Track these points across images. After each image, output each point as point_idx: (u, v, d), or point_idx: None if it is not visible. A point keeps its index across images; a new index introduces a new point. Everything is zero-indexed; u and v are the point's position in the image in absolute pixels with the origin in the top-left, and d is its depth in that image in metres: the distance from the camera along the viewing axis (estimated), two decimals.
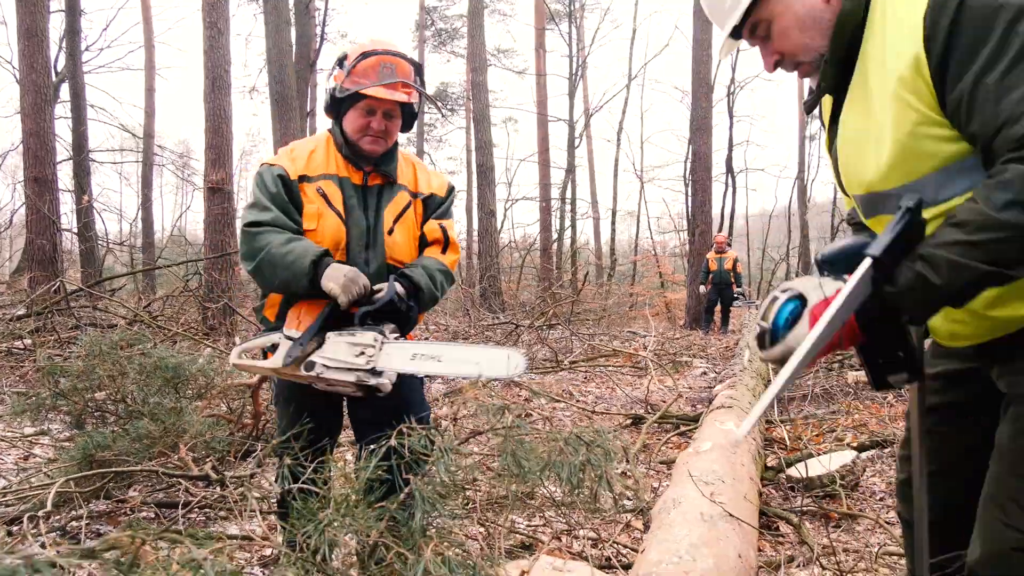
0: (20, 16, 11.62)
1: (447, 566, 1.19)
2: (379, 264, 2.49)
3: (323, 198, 2.43)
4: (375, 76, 2.34)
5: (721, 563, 1.73)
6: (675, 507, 2.17)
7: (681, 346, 10.75)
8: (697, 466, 2.62)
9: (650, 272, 29.28)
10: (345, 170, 2.49)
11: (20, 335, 7.93)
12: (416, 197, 2.60)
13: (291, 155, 2.48)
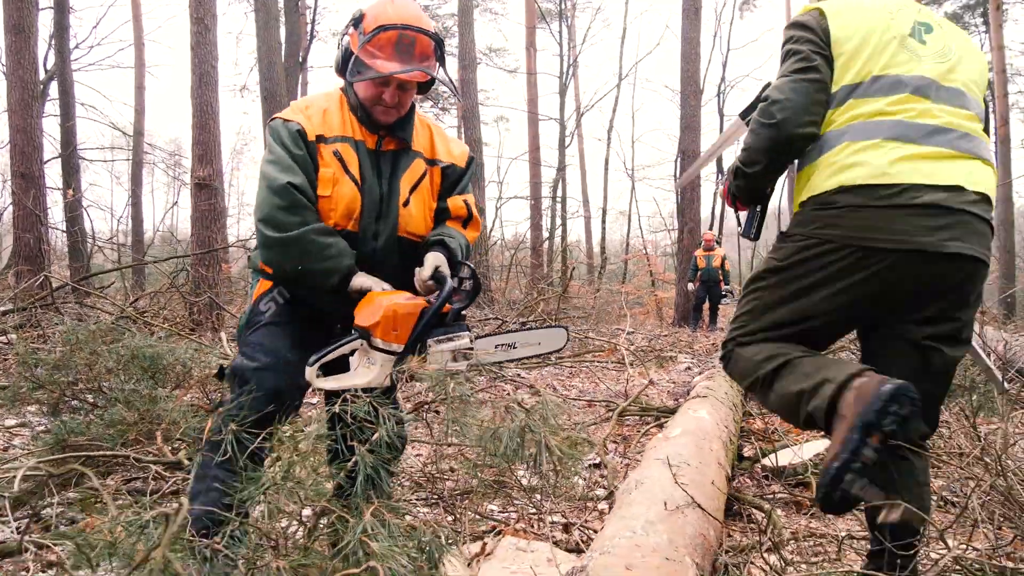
0: (7, 12, 11.59)
1: (387, 529, 1.20)
2: (389, 237, 2.35)
3: (340, 162, 2.26)
4: (391, 52, 2.17)
5: (676, 539, 1.75)
6: (637, 488, 2.19)
7: (668, 343, 10.78)
8: (665, 450, 2.64)
9: (641, 271, 29.36)
10: (360, 133, 2.32)
11: (4, 330, 7.90)
12: (433, 165, 2.45)
13: (306, 111, 2.29)
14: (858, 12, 2.12)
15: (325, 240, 2.16)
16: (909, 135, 1.96)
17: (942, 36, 2.11)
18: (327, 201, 2.25)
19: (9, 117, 11.64)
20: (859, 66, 2.05)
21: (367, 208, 2.30)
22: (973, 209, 1.91)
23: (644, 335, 12.10)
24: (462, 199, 2.48)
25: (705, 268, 14.08)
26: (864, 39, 2.06)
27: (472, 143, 16.61)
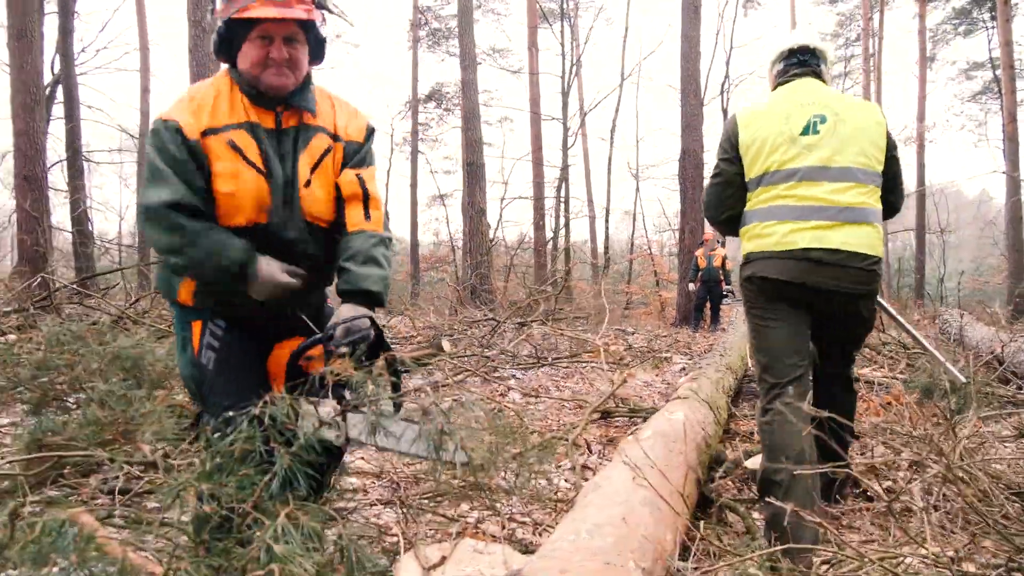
0: (11, 18, 11.68)
1: (299, 531, 1.20)
2: (299, 224, 2.17)
3: (236, 152, 2.06)
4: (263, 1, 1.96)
5: (622, 543, 1.74)
6: (594, 490, 2.18)
7: (667, 343, 10.76)
8: (632, 452, 2.62)
9: (646, 271, 29.31)
10: (255, 114, 2.11)
11: (4, 331, 7.93)
12: (336, 141, 2.24)
13: (191, 104, 2.07)
14: (760, 120, 2.97)
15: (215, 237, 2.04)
16: (800, 215, 2.84)
17: (834, 124, 2.86)
18: (230, 198, 2.07)
19: (13, 121, 11.72)
20: (760, 163, 2.94)
21: (276, 194, 2.12)
22: (849, 262, 2.82)
23: (644, 335, 12.08)
24: (354, 174, 2.24)
25: (706, 268, 14.03)
26: (763, 143, 2.92)
27: (473, 143, 16.63)
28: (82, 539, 1.20)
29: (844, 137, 2.85)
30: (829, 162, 2.83)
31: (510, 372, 7.82)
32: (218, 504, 1.31)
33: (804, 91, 3.00)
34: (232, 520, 1.34)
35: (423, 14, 28.49)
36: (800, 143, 2.86)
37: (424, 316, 12.20)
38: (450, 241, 28.26)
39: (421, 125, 30.41)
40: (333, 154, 2.23)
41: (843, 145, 2.84)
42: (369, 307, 2.11)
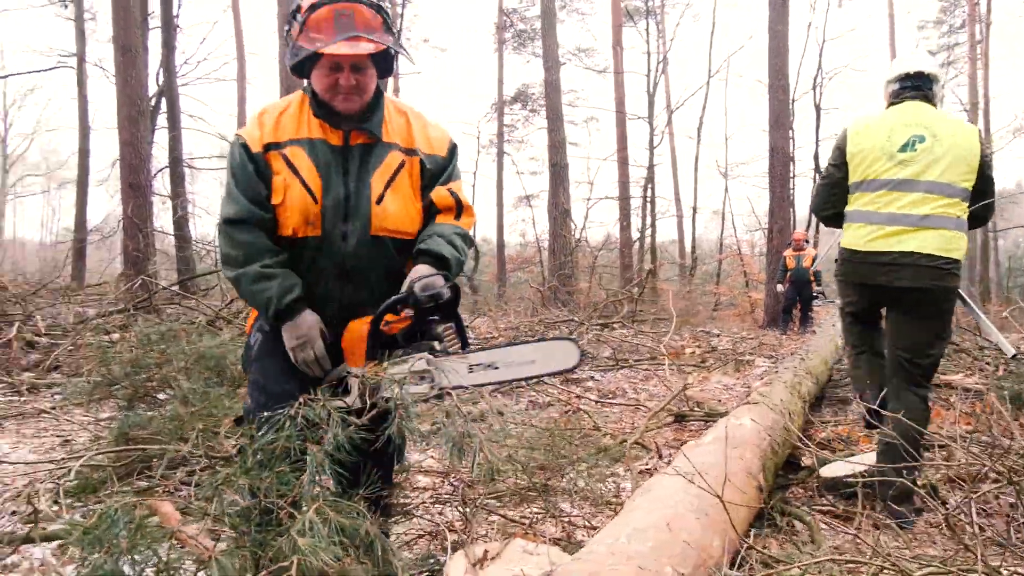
0: (116, 34, 12.29)
1: (327, 525, 1.26)
2: (362, 237, 2.22)
3: (289, 167, 2.16)
4: (331, 30, 2.02)
5: (661, 548, 1.73)
6: (643, 494, 2.18)
7: (752, 346, 10.54)
8: (691, 458, 2.61)
9: (735, 271, 28.75)
10: (320, 131, 2.20)
11: (108, 331, 8.38)
12: (412, 155, 2.29)
13: (260, 120, 2.22)
14: (866, 134, 3.48)
15: (260, 284, 2.15)
16: (886, 220, 3.38)
17: (931, 144, 3.33)
18: (281, 209, 2.18)
19: (119, 132, 12.35)
20: (860, 171, 3.49)
21: (330, 209, 2.19)
22: (922, 262, 3.29)
23: (729, 337, 11.87)
24: (446, 189, 2.33)
25: (794, 269, 13.65)
26: (866, 154, 3.46)
27: (557, 144, 16.66)
28: (134, 525, 1.29)
29: (937, 156, 3.31)
30: (919, 176, 3.33)
31: (588, 373, 7.81)
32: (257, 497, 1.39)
33: (911, 112, 3.44)
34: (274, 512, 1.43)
35: (508, 16, 28.66)
36: (896, 158, 3.37)
37: (506, 317, 12.30)
38: (536, 242, 28.34)
39: (507, 127, 30.59)
40: (409, 169, 2.28)
41: (934, 163, 3.31)
42: (438, 268, 2.17)
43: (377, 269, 2.28)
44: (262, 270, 2.16)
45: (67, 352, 7.30)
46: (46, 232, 50.25)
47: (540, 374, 2.13)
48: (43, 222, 53.03)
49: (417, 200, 2.32)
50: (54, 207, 51.60)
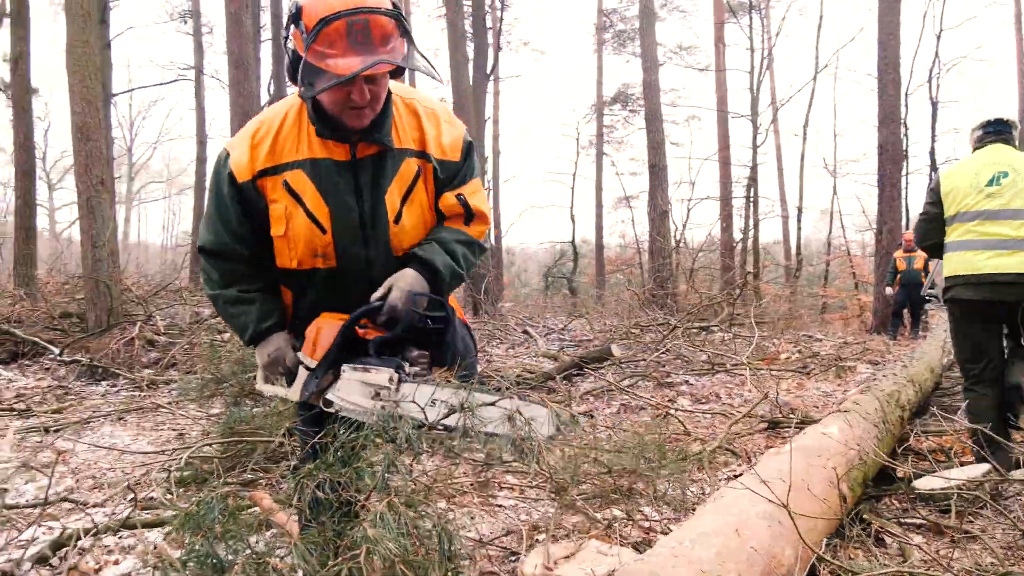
0: (230, 48, 12.93)
1: (398, 518, 1.36)
2: (386, 262, 2.04)
3: (290, 194, 1.95)
4: (345, 45, 1.74)
5: (725, 554, 1.76)
6: (715, 500, 2.20)
7: (857, 351, 10.19)
8: (769, 465, 2.61)
9: (844, 273, 27.80)
10: (322, 148, 1.96)
11: (221, 331, 8.85)
12: (428, 160, 2.04)
13: (252, 140, 1.98)
14: (956, 175, 4.11)
15: (239, 308, 2.09)
16: (984, 246, 3.93)
17: (1013, 179, 3.92)
18: (283, 241, 2.01)
19: None
20: (954, 206, 4.07)
21: (343, 235, 2.00)
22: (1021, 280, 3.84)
23: (834, 342, 11.51)
24: (454, 195, 2.10)
25: (905, 271, 13.09)
26: (957, 191, 4.06)
27: (655, 145, 16.53)
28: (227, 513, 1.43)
29: (1020, 188, 3.90)
30: (1006, 206, 3.91)
31: (683, 377, 7.75)
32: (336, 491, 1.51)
33: (994, 153, 4.07)
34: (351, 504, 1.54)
35: (607, 16, 28.59)
36: (985, 191, 3.96)
37: (602, 319, 12.31)
38: (636, 243, 28.15)
39: (606, 128, 30.52)
40: (424, 177, 2.06)
41: (1019, 193, 3.90)
42: (429, 280, 2.01)
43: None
44: (240, 294, 2.10)
45: (183, 350, 7.76)
46: (167, 235, 53.12)
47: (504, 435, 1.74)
48: (164, 226, 56.12)
49: (433, 209, 2.13)
50: (174, 212, 54.55)
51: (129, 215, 46.46)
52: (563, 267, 27.96)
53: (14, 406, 5.67)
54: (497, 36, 22.76)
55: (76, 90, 8.20)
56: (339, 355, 1.93)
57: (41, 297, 9.61)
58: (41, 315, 8.76)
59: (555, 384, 6.89)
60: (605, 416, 5.99)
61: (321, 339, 1.97)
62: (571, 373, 7.35)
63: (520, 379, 6.92)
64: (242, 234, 2.03)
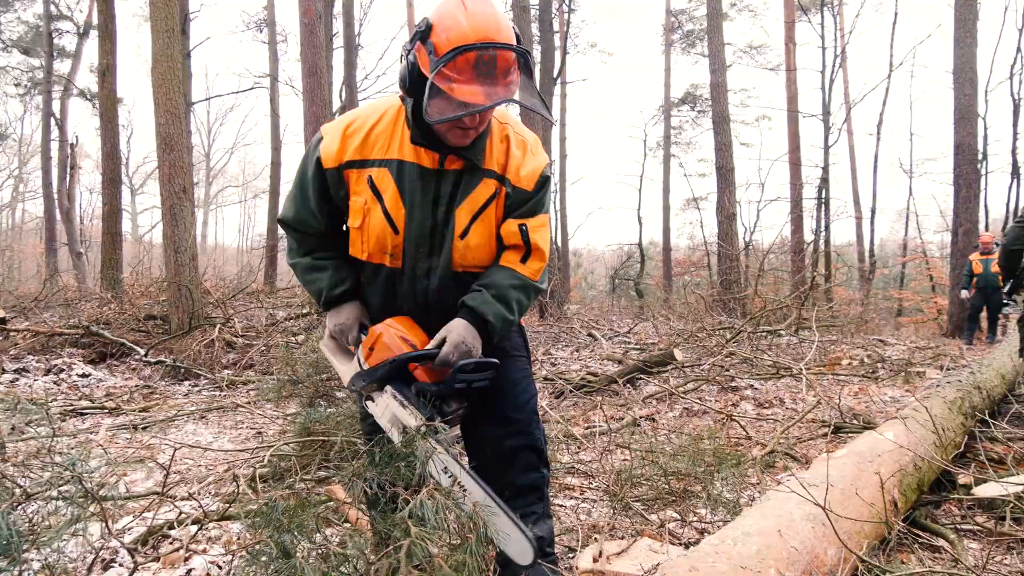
0: (304, 58, 13.33)
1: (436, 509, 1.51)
2: (444, 274, 2.15)
3: (372, 190, 2.06)
4: (471, 74, 1.83)
5: (766, 552, 1.85)
6: (762, 502, 2.29)
7: (929, 356, 9.98)
8: (819, 470, 2.67)
9: (921, 275, 27.06)
10: (413, 153, 2.05)
11: (295, 333, 9.19)
12: (504, 184, 2.12)
13: (344, 133, 2.09)
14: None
15: (313, 275, 2.24)
16: None
17: None
18: (358, 232, 2.14)
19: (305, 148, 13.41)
20: None
21: (413, 242, 2.11)
22: None
23: (906, 347, 11.29)
24: (517, 224, 2.13)
25: (982, 274, 12.75)
26: None
27: (723, 147, 16.42)
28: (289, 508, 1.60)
29: None
30: None
31: (748, 382, 7.74)
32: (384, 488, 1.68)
33: None
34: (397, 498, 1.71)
35: (676, 17, 28.42)
36: None
37: (668, 322, 12.30)
38: (704, 245, 27.90)
39: (674, 129, 30.36)
40: (498, 200, 2.13)
41: None
42: (480, 331, 2.08)
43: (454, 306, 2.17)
44: (314, 261, 2.24)
45: (260, 352, 8.10)
46: (243, 238, 54.82)
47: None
48: (240, 229, 57.95)
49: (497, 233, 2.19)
50: (249, 215, 56.27)
51: (207, 218, 48.12)
52: (630, 269, 27.88)
53: (104, 404, 6.03)
54: (564, 39, 22.85)
55: (160, 103, 8.62)
56: (387, 375, 2.02)
57: (127, 300, 10.11)
58: (127, 317, 9.23)
59: (618, 387, 6.97)
60: (667, 420, 6.06)
61: (378, 349, 2.06)
62: (635, 376, 7.42)
63: (584, 381, 7.05)
64: (319, 214, 2.17)
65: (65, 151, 24.86)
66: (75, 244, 23.26)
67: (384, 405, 2.02)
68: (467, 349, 2.02)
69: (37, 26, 27.01)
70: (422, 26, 1.91)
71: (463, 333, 2.04)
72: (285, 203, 2.25)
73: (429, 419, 1.90)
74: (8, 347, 8.07)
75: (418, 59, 1.92)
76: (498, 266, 2.18)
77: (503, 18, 1.91)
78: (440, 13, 1.90)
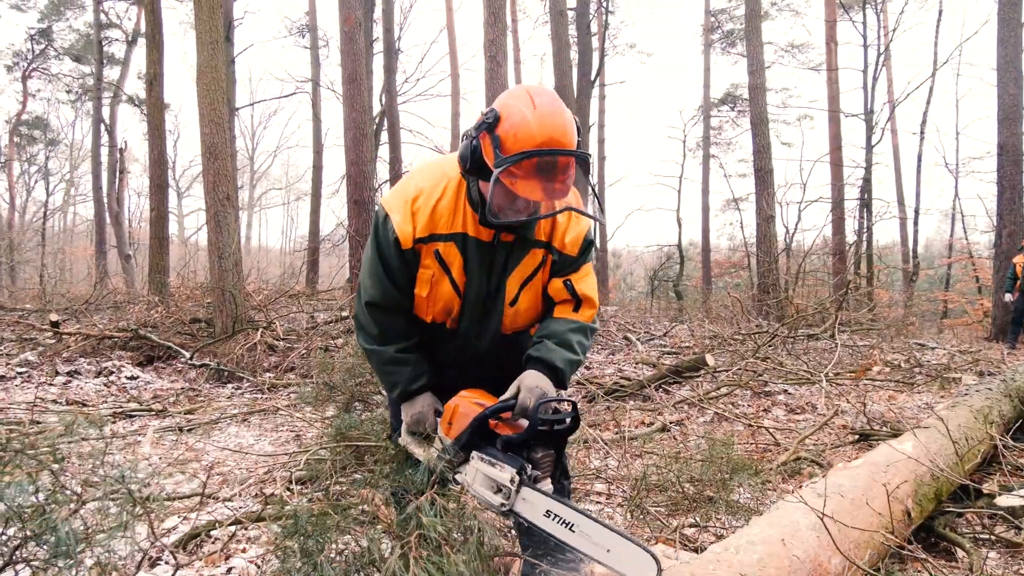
0: (344, 64, 13.58)
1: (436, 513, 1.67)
2: (494, 336, 2.33)
3: (440, 264, 2.19)
4: (533, 172, 1.93)
5: (767, 560, 1.94)
6: (770, 512, 2.37)
7: (969, 360, 9.85)
8: (833, 480, 2.75)
9: (968, 276, 26.56)
10: (473, 226, 2.18)
11: (335, 336, 9.38)
12: (550, 251, 2.27)
13: (412, 207, 2.17)
14: None
15: (393, 368, 2.28)
16: None
17: None
18: (424, 300, 2.26)
19: (345, 154, 13.70)
20: None
21: (469, 308, 2.27)
22: None
23: (947, 351, 11.14)
24: (562, 282, 2.30)
25: None
26: None
27: (761, 149, 16.33)
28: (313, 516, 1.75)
29: None
30: None
31: (781, 387, 7.75)
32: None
33: None
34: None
35: (715, 17, 28.25)
36: None
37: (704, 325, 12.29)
38: (744, 246, 27.69)
39: (714, 129, 30.18)
40: (545, 267, 2.29)
41: None
42: (551, 378, 2.16)
43: (510, 357, 2.33)
44: (396, 354, 2.29)
45: (300, 355, 8.31)
46: (286, 240, 55.64)
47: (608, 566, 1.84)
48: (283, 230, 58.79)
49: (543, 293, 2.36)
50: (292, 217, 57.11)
51: (251, 220, 48.95)
52: (669, 271, 27.78)
53: (152, 406, 6.28)
54: (602, 41, 22.89)
55: (205, 113, 8.89)
56: (471, 440, 2.08)
57: (173, 303, 10.42)
58: (173, 320, 9.52)
59: (650, 392, 7.05)
60: (698, 425, 6.12)
61: (457, 420, 2.14)
62: (670, 380, 7.48)
63: (616, 386, 7.13)
64: (407, 290, 2.25)
65: (114, 156, 25.57)
66: (124, 247, 23.93)
67: (474, 471, 2.05)
68: (542, 392, 2.08)
69: (88, 34, 27.83)
70: (490, 118, 1.99)
71: (536, 379, 2.13)
72: (368, 286, 2.27)
73: (520, 469, 1.95)
74: (60, 350, 8.40)
75: (482, 147, 2.01)
76: (552, 318, 2.32)
77: (568, 117, 1.98)
78: (508, 107, 1.99)
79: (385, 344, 2.29)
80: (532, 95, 1.97)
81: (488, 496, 1.99)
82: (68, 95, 31.59)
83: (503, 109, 1.99)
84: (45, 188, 38.11)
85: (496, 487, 1.98)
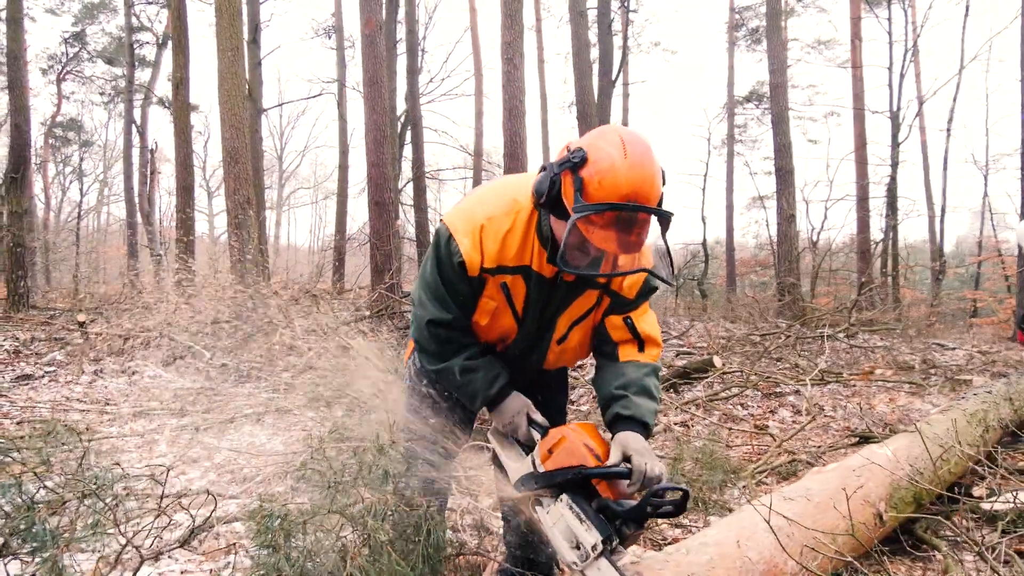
0: (365, 67, 13.75)
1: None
2: (535, 367, 2.37)
3: (505, 296, 2.18)
4: (611, 222, 1.85)
5: (718, 561, 2.04)
6: (734, 514, 2.47)
7: (987, 361, 9.79)
8: (803, 484, 2.84)
9: (997, 275, 26.21)
10: (539, 260, 2.13)
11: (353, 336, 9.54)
12: (607, 293, 2.25)
13: (480, 238, 2.10)
14: None
15: (466, 377, 2.21)
16: None
17: None
18: (482, 328, 2.26)
19: (367, 156, 13.86)
20: None
21: (520, 340, 2.29)
22: None
23: (966, 351, 11.06)
24: (621, 318, 2.27)
25: None
26: None
27: (782, 148, 16.29)
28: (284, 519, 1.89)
29: None
30: None
31: (793, 388, 7.78)
32: None
33: None
34: None
35: (740, 14, 28.11)
36: None
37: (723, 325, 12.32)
38: (769, 245, 27.54)
39: (738, 127, 30.02)
40: (599, 307, 2.28)
41: None
42: (644, 436, 2.12)
43: (560, 373, 2.52)
44: (466, 363, 2.22)
45: (317, 355, 8.48)
46: (313, 238, 56.17)
47: None
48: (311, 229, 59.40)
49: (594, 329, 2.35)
50: (320, 215, 57.60)
51: (279, 219, 49.48)
52: (694, 269, 27.71)
53: (171, 406, 6.49)
54: (624, 39, 22.88)
55: (226, 118, 9.12)
56: (567, 483, 1.99)
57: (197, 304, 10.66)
58: (196, 321, 9.76)
59: None
60: (703, 427, 6.20)
61: (559, 454, 2.03)
62: (683, 379, 7.55)
63: None
64: (469, 308, 2.22)
65: (145, 156, 26.06)
66: (155, 246, 24.36)
67: (558, 515, 1.96)
68: (658, 474, 1.97)
69: (119, 37, 28.36)
70: (576, 157, 1.90)
71: (637, 442, 2.06)
72: (431, 307, 2.22)
73: (607, 539, 1.86)
74: (88, 349, 8.67)
75: (563, 184, 1.93)
76: (623, 363, 2.28)
77: (656, 170, 1.91)
78: (597, 149, 1.90)
79: (450, 359, 2.24)
80: (625, 141, 1.88)
81: (563, 547, 1.92)
82: (101, 97, 32.22)
83: (591, 150, 1.90)
84: (79, 189, 38.85)
85: (575, 543, 1.90)
